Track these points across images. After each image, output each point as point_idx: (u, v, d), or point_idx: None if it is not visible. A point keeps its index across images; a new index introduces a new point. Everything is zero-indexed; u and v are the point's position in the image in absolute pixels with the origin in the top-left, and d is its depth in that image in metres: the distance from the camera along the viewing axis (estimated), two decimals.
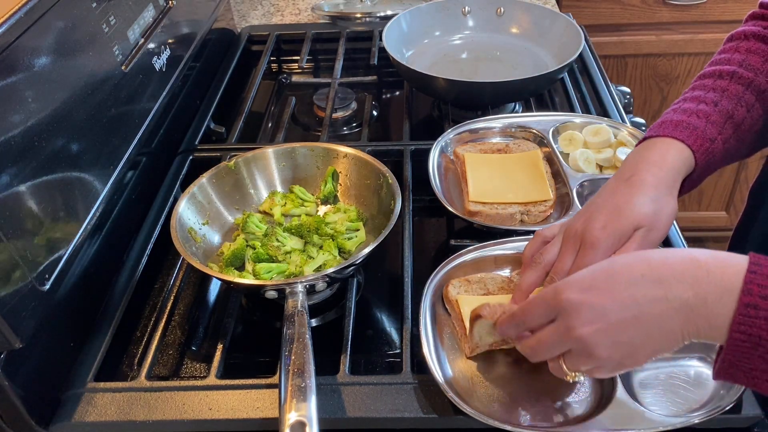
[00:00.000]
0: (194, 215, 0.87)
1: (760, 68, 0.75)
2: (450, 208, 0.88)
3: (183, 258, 0.80)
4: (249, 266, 0.85)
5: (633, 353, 0.55)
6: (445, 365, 0.72)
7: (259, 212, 0.94)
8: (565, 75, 1.20)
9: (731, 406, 0.65)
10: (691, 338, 0.54)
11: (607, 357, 0.55)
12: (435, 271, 0.80)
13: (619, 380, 0.67)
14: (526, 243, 0.76)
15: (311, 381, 0.62)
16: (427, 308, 0.75)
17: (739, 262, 0.52)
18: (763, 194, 0.91)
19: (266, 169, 0.96)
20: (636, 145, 0.75)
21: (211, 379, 0.73)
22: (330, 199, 0.95)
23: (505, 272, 0.82)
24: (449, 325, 0.77)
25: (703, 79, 0.78)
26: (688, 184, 0.73)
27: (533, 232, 0.84)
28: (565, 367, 0.58)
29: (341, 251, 0.87)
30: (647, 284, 0.53)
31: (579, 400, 0.68)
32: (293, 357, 0.65)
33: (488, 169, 0.94)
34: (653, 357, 0.56)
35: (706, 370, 0.70)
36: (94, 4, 0.81)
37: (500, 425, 0.63)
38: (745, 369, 0.52)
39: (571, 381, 0.60)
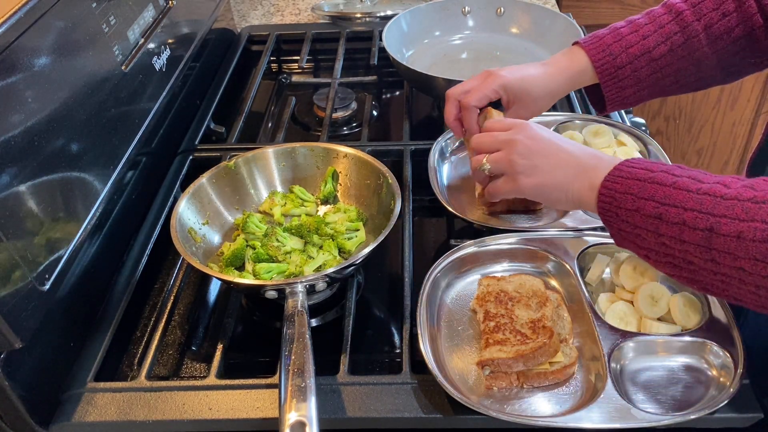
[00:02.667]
0: (194, 215, 0.88)
1: (706, 14, 0.80)
2: (450, 208, 0.88)
3: (183, 258, 0.80)
4: (249, 266, 0.85)
5: (533, 174, 0.72)
6: (442, 359, 0.72)
7: (259, 212, 0.94)
8: None
9: (721, 406, 0.65)
10: (574, 197, 0.69)
11: (519, 165, 0.72)
12: (432, 267, 0.80)
13: (609, 376, 0.68)
14: (524, 237, 0.83)
15: (311, 381, 0.62)
16: (424, 303, 0.75)
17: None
18: (763, 165, 0.90)
19: (266, 169, 0.96)
20: None
21: (211, 379, 0.73)
22: (330, 199, 0.95)
23: (504, 266, 0.84)
24: (447, 318, 0.77)
25: (659, 7, 0.86)
26: (609, 91, 0.84)
27: (533, 231, 0.85)
28: (485, 159, 0.76)
29: (341, 251, 0.87)
30: (566, 141, 0.73)
31: (569, 393, 0.70)
32: (293, 357, 0.65)
33: None
34: (543, 194, 0.73)
35: (699, 372, 0.71)
36: (94, 4, 0.81)
37: (496, 415, 0.65)
38: (614, 230, 0.65)
39: (480, 169, 0.77)
